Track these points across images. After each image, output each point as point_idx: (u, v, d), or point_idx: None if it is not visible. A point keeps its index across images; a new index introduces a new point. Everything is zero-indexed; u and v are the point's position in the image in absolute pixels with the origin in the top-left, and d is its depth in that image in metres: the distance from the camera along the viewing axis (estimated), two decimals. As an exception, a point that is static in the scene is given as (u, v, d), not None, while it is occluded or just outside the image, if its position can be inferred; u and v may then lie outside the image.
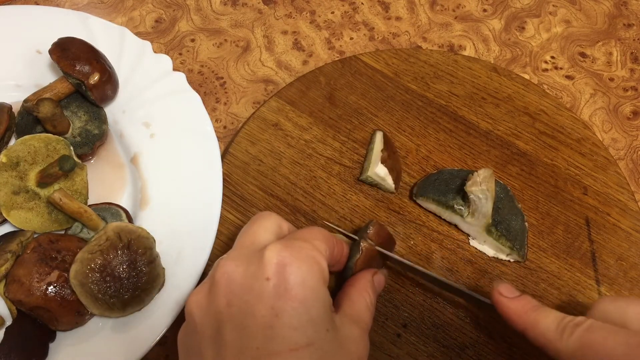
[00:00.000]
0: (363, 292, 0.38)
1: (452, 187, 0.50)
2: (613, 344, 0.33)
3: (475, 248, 0.51)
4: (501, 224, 0.49)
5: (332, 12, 0.68)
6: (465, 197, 0.49)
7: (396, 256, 0.44)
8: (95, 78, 0.51)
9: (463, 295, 0.46)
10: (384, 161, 0.52)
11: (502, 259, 0.51)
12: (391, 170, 0.52)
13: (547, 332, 0.36)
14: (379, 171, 0.52)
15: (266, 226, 0.36)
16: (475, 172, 0.47)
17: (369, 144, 0.56)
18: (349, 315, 0.36)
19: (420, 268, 0.45)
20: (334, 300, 0.38)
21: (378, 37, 0.67)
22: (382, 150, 0.53)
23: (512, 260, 0.50)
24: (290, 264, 0.32)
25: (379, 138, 0.55)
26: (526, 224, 0.51)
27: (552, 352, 0.36)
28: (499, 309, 0.39)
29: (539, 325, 0.37)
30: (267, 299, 0.31)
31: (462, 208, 0.49)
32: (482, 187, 0.46)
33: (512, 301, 0.39)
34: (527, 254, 0.51)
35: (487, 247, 0.51)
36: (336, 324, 0.34)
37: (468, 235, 0.52)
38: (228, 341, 0.32)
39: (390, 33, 0.67)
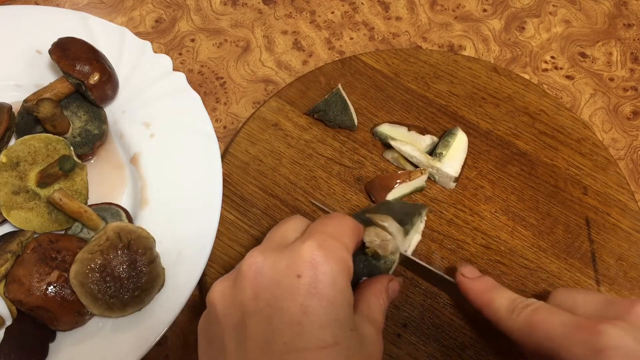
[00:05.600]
0: (379, 295, 0.38)
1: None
2: (553, 324, 0.36)
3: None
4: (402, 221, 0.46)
5: (332, 12, 0.68)
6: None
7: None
8: (95, 78, 0.51)
9: (432, 279, 0.47)
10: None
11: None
12: None
13: (499, 311, 0.39)
14: (449, 170, 0.52)
15: (295, 226, 0.36)
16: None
17: (444, 134, 0.56)
18: (366, 316, 0.36)
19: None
20: None
21: (378, 37, 0.67)
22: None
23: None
24: (323, 263, 0.32)
25: (463, 139, 0.55)
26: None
27: (503, 330, 0.39)
28: (461, 289, 0.42)
29: (493, 303, 0.40)
30: (297, 295, 0.31)
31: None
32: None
33: (472, 281, 0.42)
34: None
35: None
36: (356, 324, 0.34)
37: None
38: (253, 334, 0.32)
39: (390, 33, 0.67)
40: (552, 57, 0.66)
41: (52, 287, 0.43)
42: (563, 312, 0.37)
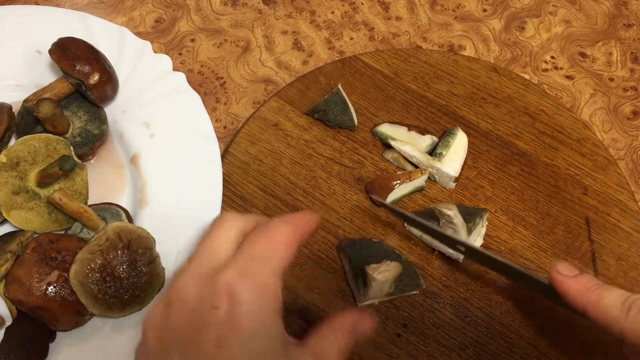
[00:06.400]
0: (337, 333, 0.34)
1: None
2: None
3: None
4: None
5: (332, 12, 0.68)
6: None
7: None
8: (95, 78, 0.51)
9: (509, 274, 0.44)
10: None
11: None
12: None
13: (610, 310, 0.35)
14: (449, 170, 0.52)
15: (227, 235, 0.34)
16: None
17: (444, 134, 0.56)
18: (312, 351, 0.33)
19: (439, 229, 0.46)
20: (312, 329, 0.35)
21: (378, 37, 0.67)
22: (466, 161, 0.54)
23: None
24: (240, 292, 0.31)
25: (463, 139, 0.55)
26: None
27: (615, 331, 0.35)
28: (557, 288, 0.37)
29: (602, 302, 0.35)
30: (212, 328, 0.30)
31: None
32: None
33: (572, 279, 0.37)
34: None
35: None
36: (292, 355, 0.32)
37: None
38: None
39: (390, 33, 0.67)
40: (552, 57, 0.66)
41: (52, 287, 0.43)
42: None
